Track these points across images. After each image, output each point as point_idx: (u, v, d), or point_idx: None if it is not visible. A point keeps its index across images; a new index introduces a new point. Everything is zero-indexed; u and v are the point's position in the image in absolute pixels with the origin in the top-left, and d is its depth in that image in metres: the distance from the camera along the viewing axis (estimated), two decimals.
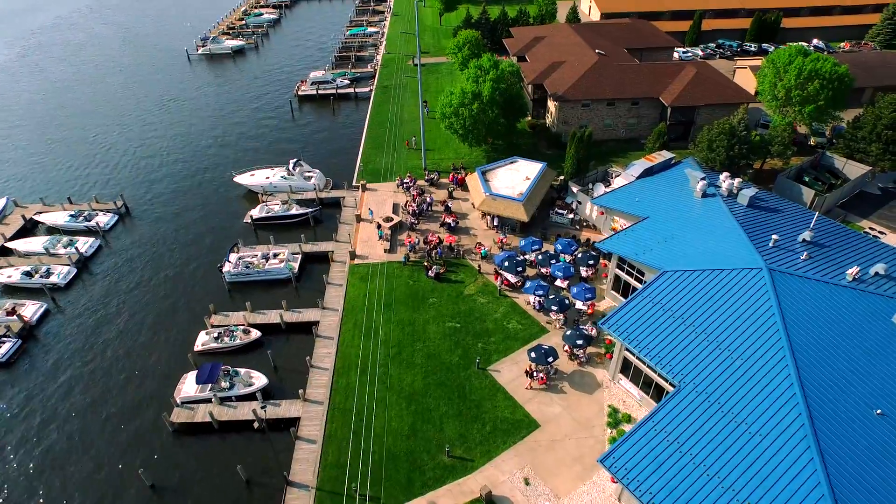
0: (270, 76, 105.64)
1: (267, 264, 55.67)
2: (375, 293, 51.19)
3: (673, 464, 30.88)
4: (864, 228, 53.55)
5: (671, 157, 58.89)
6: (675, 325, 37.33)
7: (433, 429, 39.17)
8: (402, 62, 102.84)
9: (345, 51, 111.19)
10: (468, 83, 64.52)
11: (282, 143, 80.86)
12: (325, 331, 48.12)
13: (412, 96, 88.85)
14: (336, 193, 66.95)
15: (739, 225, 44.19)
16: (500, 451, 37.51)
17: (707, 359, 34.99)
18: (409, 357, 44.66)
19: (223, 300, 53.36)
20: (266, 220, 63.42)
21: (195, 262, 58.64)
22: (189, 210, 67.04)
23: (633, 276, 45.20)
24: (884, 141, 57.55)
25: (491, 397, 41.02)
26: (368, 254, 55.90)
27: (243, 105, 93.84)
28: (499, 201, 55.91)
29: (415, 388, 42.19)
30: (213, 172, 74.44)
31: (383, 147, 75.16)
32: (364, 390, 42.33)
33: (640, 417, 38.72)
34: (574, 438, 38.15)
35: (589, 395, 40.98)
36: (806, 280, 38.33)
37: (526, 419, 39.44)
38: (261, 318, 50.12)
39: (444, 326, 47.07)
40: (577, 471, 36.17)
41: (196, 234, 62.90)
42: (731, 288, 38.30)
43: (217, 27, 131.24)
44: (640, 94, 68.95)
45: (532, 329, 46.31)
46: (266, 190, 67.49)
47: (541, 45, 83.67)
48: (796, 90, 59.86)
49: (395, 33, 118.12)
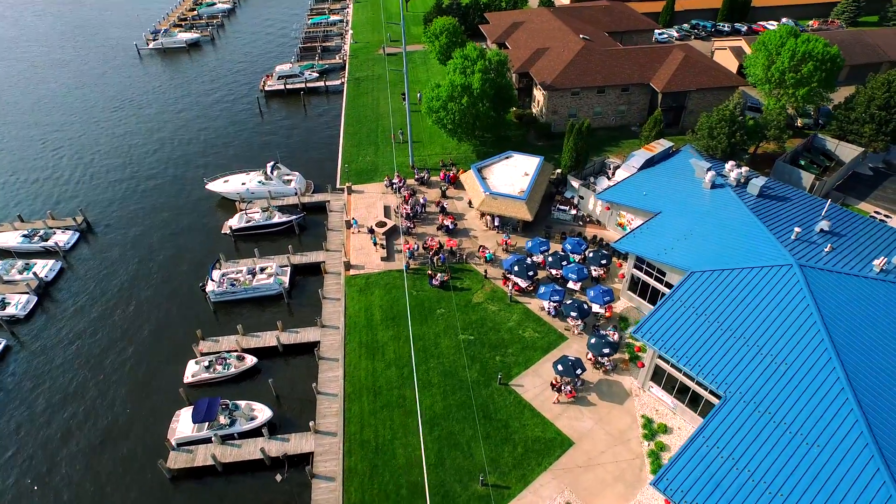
0: (231, 71, 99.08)
1: (254, 280, 51.41)
2: (377, 306, 47.81)
3: (731, 482, 29.20)
4: (868, 213, 53.32)
5: (670, 146, 57.37)
6: (710, 330, 35.62)
7: (461, 455, 36.50)
8: (371, 51, 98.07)
9: (309, 41, 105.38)
10: (456, 75, 61.04)
11: (252, 144, 75.61)
12: (327, 352, 44.60)
13: (388, 88, 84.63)
14: (320, 197, 62.71)
15: (758, 218, 42.85)
16: (536, 475, 35.21)
17: (749, 365, 33.42)
18: (425, 376, 41.71)
19: (210, 323, 48.93)
20: (246, 231, 58.78)
21: (173, 281, 53.71)
22: (158, 223, 61.57)
23: (654, 277, 43.33)
24: (877, 122, 57.45)
25: (518, 415, 38.59)
26: (364, 263, 52.29)
27: (206, 103, 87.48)
28: (499, 200, 53.11)
29: (435, 410, 39.33)
30: (182, 179, 68.80)
31: (364, 144, 71.03)
32: (380, 417, 39.18)
33: (676, 426, 37.26)
34: (610, 454, 36.19)
35: (619, 405, 39.07)
36: (837, 275, 37.21)
37: (558, 437, 37.22)
38: (255, 341, 46.09)
39: (456, 339, 44.24)
40: (619, 491, 34.24)
41: (170, 249, 57.73)
42: (763, 287, 36.81)
43: (167, 19, 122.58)
44: (631, 80, 67.06)
45: (550, 337, 44.02)
46: (243, 197, 62.63)
47: (520, 31, 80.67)
48: (790, 73, 59.03)
49: (360, 21, 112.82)
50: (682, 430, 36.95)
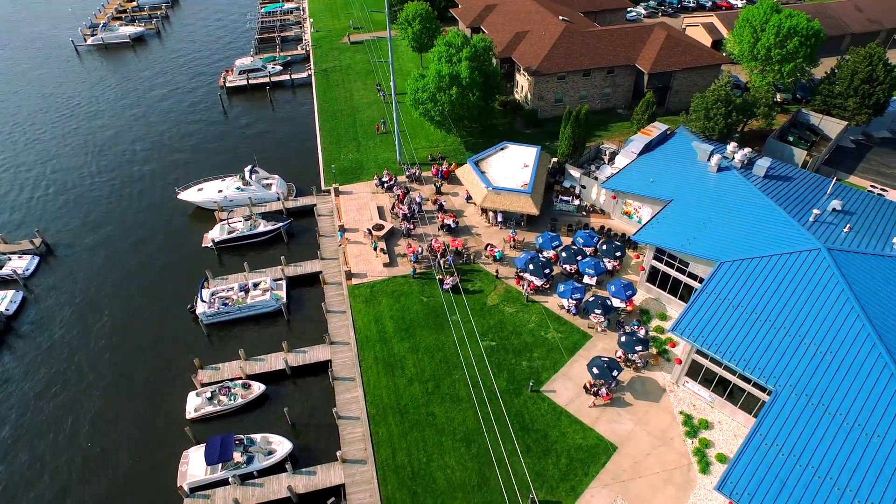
0: (184, 67, 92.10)
1: (248, 297, 47.59)
2: (388, 317, 45.10)
3: (796, 480, 28.57)
4: (861, 187, 54.13)
5: (666, 129, 56.54)
6: (749, 322, 34.88)
7: (505, 473, 34.67)
8: (334, 40, 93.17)
9: (266, 32, 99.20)
10: (442, 64, 58.03)
11: (220, 146, 70.37)
12: (341, 371, 41.68)
13: (359, 79, 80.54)
14: (305, 201, 58.84)
15: (773, 201, 42.44)
16: (585, 486, 33.84)
17: (794, 356, 32.85)
18: (451, 390, 39.52)
19: (205, 349, 45.02)
20: (230, 242, 54.47)
21: (155, 304, 49.13)
22: (129, 239, 56.31)
23: (675, 268, 42.34)
24: (860, 95, 58.27)
25: (555, 424, 37.04)
26: (366, 270, 49.28)
27: (161, 103, 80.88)
28: (503, 195, 50.96)
29: (468, 426, 37.29)
30: (148, 189, 63.24)
31: (344, 140, 67.21)
32: (411, 439, 36.83)
33: (717, 421, 36.60)
34: (656, 456, 35.20)
35: (656, 403, 38.11)
36: (864, 256, 37.12)
37: (600, 442, 35.94)
38: (260, 365, 42.60)
39: (478, 347, 42.17)
40: (671, 494, 33.31)
41: (148, 269, 52.84)
42: (795, 273, 36.32)
43: (103, 11, 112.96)
44: (616, 61, 65.77)
45: (573, 336, 42.58)
46: (221, 206, 58.01)
47: (495, 15, 78.00)
48: (776, 49, 59.02)
49: (318, 8, 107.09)
50: (723, 425, 36.35)
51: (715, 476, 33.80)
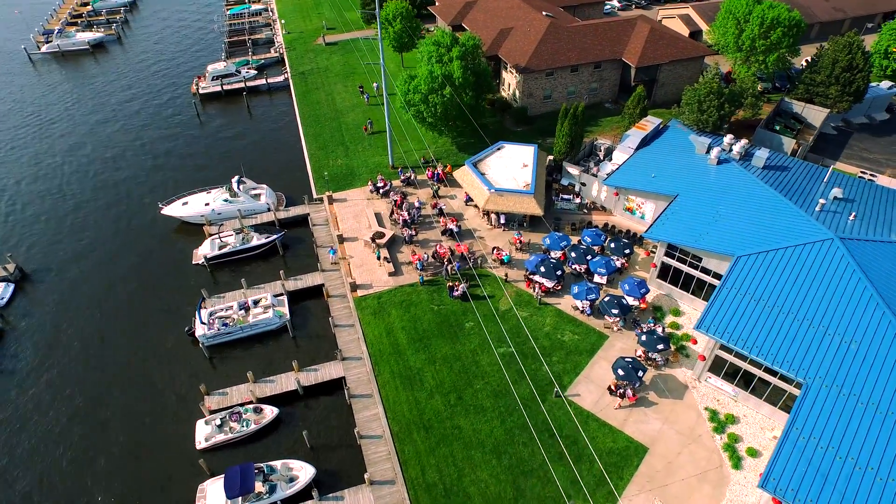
0: (151, 74, 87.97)
1: (250, 316, 45.53)
2: (399, 328, 43.80)
3: (838, 472, 28.75)
4: (851, 173, 55.41)
5: (659, 122, 56.76)
6: (773, 315, 35.04)
7: (539, 483, 34.03)
8: (308, 41, 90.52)
9: (236, 34, 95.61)
10: (434, 65, 56.72)
11: (199, 156, 67.34)
12: (357, 388, 40.22)
13: (339, 81, 78.43)
14: (297, 211, 56.78)
15: (778, 192, 42.89)
16: (622, 490, 33.47)
17: (821, 347, 33.14)
18: (474, 400, 38.60)
19: (208, 374, 42.84)
20: (223, 258, 52.06)
21: (150, 329, 46.50)
22: (112, 260, 53.22)
23: (687, 263, 42.33)
24: (841, 83, 59.68)
25: (584, 428, 36.45)
26: (371, 281, 47.80)
27: (129, 113, 76.96)
28: (506, 197, 50.16)
29: (497, 437, 36.46)
30: (128, 206, 59.95)
31: (331, 146, 65.22)
32: (439, 454, 35.77)
33: (742, 414, 36.73)
34: (687, 454, 35.10)
35: (679, 400, 38.04)
36: (874, 244, 37.78)
37: (631, 444, 35.63)
38: (270, 387, 40.75)
39: (496, 354, 41.33)
40: (707, 492, 33.24)
41: (136, 291, 50.00)
42: (811, 264, 36.69)
43: (55, 16, 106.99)
44: (604, 56, 65.69)
45: (590, 338, 42.18)
46: (210, 220, 55.45)
47: (476, 12, 76.99)
48: (760, 39, 59.88)
49: (286, 8, 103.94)
50: (749, 418, 36.51)
51: (748, 471, 33.92)
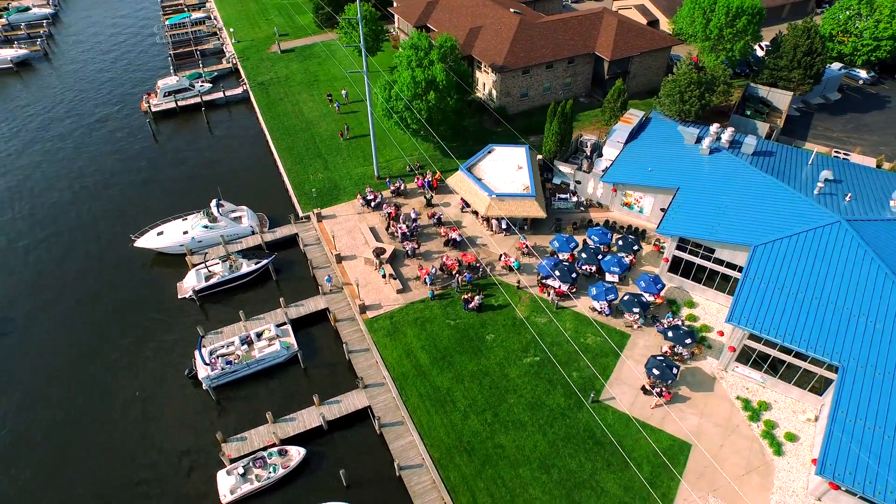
0: (89, 92, 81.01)
1: (256, 350, 42.59)
2: (418, 348, 42.15)
3: (890, 450, 29.71)
4: (828, 153, 57.95)
5: (642, 115, 57.43)
6: (798, 302, 35.92)
7: (594, 494, 33.48)
8: (262, 50, 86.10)
9: (181, 46, 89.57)
10: (414, 69, 54.89)
11: (162, 182, 62.31)
12: (386, 416, 38.34)
13: (304, 90, 74.99)
14: (285, 231, 53.70)
15: (776, 179, 44.11)
16: (675, 491, 33.46)
17: (849, 329, 34.24)
18: (511, 416, 37.59)
19: (220, 419, 39.70)
20: (212, 290, 48.53)
21: (142, 377, 42.57)
22: (85, 304, 48.38)
23: (700, 255, 42.79)
24: (803, 67, 62.36)
25: (626, 432, 36.32)
26: (379, 300, 45.79)
27: (77, 139, 70.48)
28: (507, 202, 49.27)
29: (541, 451, 35.64)
30: (94, 243, 54.70)
31: (308, 159, 62.13)
32: (486, 477, 34.57)
33: (773, 400, 37.53)
34: (729, 446, 35.53)
35: (711, 392, 38.49)
36: (876, 223, 39.39)
37: (675, 443, 35.71)
38: (292, 426, 38.19)
39: (523, 365, 40.50)
40: (756, 482, 33.73)
41: (120, 337, 45.62)
42: (825, 248, 37.88)
43: None
44: (577, 50, 65.83)
45: (613, 338, 41.97)
46: (191, 248, 51.57)
47: (440, 11, 75.43)
48: (727, 28, 61.61)
49: (231, 15, 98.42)
50: (780, 403, 37.37)
51: (790, 456, 34.68)
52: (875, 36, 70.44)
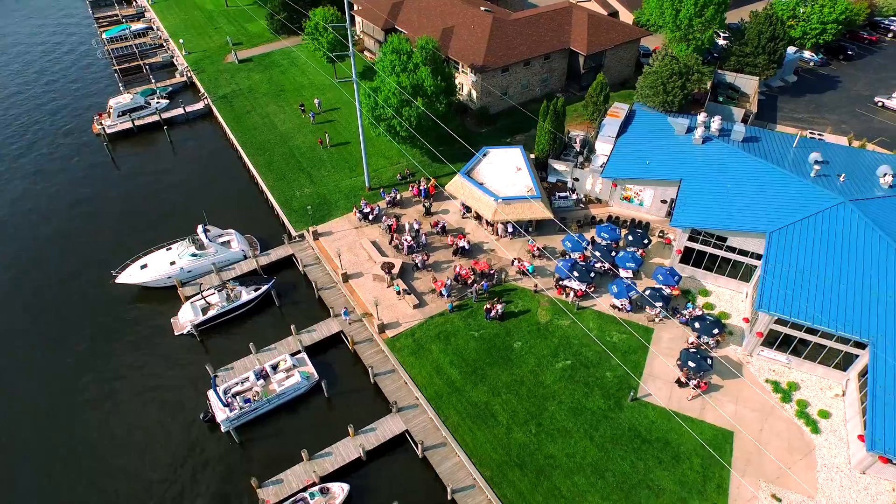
0: (28, 116, 74.11)
1: (273, 384, 40.10)
2: (447, 364, 40.92)
3: None
4: (803, 135, 60.47)
5: (627, 108, 58.13)
6: (819, 283, 37.22)
7: (652, 494, 33.49)
8: (217, 60, 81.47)
9: (126, 61, 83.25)
10: (401, 75, 53.21)
11: (135, 213, 57.21)
12: (426, 438, 36.96)
13: (272, 101, 71.51)
14: (280, 253, 50.98)
15: (773, 164, 45.59)
16: (727, 480, 33.99)
17: (872, 306, 35.77)
18: (555, 424, 37.09)
19: (248, 463, 37.06)
20: (212, 322, 45.37)
21: (155, 429, 39.17)
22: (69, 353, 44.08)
23: (712, 244, 43.58)
24: (768, 52, 65.04)
25: (669, 427, 36.58)
26: (396, 318, 44.13)
27: (27, 172, 64.02)
28: (514, 205, 48.62)
29: (591, 456, 35.34)
30: (68, 285, 49.74)
31: (290, 174, 59.19)
32: (543, 489, 33.93)
33: (800, 379, 38.78)
34: (769, 430, 36.44)
35: (740, 378, 39.35)
36: (874, 200, 41.35)
37: (718, 432, 36.27)
38: (330, 461, 36.16)
39: (556, 370, 40.08)
40: (801, 462, 34.74)
41: (121, 384, 41.91)
42: (834, 228, 39.45)
43: None
44: (554, 46, 65.94)
45: (638, 333, 42.15)
46: (181, 280, 48.03)
47: (408, 12, 73.63)
48: (696, 18, 63.30)
49: (175, 26, 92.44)
50: (808, 382, 38.69)
51: (827, 432, 35.94)
52: (821, 20, 74.43)
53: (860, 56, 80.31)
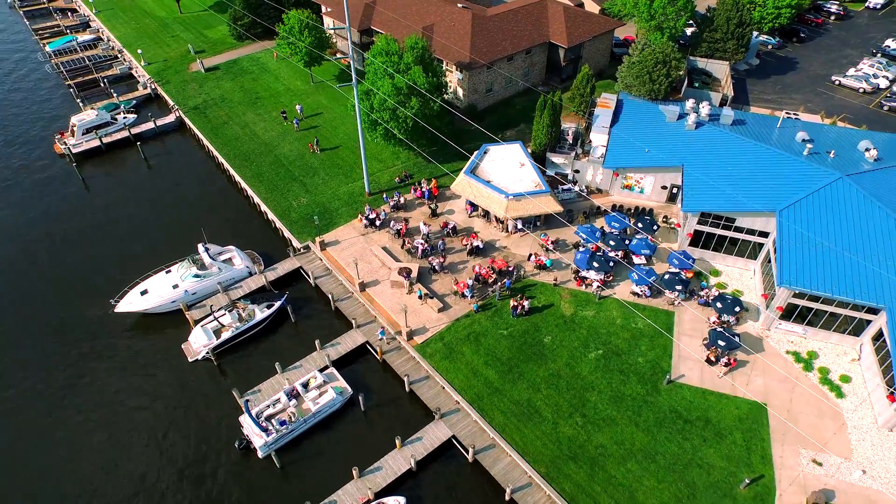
0: None
1: (307, 402, 38.83)
2: (482, 364, 40.78)
3: None
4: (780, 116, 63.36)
5: (615, 98, 59.37)
6: (832, 257, 39.27)
7: (703, 472, 34.57)
8: (181, 70, 77.64)
9: (80, 74, 78.01)
10: (396, 76, 52.32)
11: (118, 238, 53.86)
12: (475, 441, 36.70)
13: (248, 109, 68.92)
14: (287, 266, 49.33)
15: (768, 146, 47.70)
16: (770, 451, 35.49)
17: (881, 273, 37.97)
18: (599, 414, 37.64)
19: (295, 487, 35.71)
20: (228, 345, 43.43)
21: (191, 467, 37.17)
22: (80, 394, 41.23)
23: (721, 226, 45.14)
24: (736, 38, 67.90)
25: (707, 405, 37.83)
26: (423, 323, 43.57)
27: None
28: (524, 201, 48.80)
29: (639, 442, 36.10)
30: (62, 321, 46.39)
31: (283, 184, 57.30)
32: (600, 479, 34.39)
33: (818, 348, 40.87)
34: (798, 399, 38.25)
35: (763, 352, 41.08)
36: (868, 174, 43.97)
37: (753, 406, 37.77)
38: (381, 476, 35.38)
39: (590, 361, 40.67)
40: (831, 426, 36.68)
41: (141, 420, 39.53)
42: (837, 203, 41.72)
43: None
44: (535, 41, 66.47)
45: (660, 317, 43.35)
46: (186, 303, 45.71)
47: (382, 12, 72.40)
48: (669, 6, 65.28)
49: (127, 35, 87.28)
50: (825, 350, 40.83)
51: (851, 396, 38.10)
52: (776, 4, 78.30)
53: (810, 38, 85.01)
